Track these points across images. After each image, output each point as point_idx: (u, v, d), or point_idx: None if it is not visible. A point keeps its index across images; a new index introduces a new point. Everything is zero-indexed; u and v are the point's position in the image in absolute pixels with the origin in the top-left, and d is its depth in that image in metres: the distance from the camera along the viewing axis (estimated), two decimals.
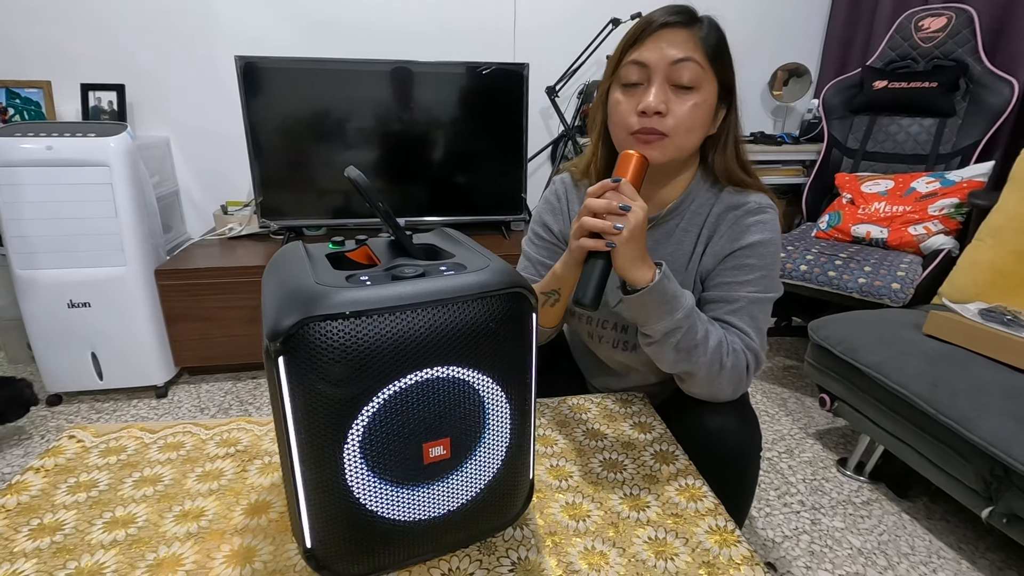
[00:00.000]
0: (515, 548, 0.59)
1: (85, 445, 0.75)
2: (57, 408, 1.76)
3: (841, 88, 2.17)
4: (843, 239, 1.92)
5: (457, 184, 2.12)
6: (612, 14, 2.14)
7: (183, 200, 2.26)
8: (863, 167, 2.09)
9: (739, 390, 0.79)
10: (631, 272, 0.68)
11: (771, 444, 1.63)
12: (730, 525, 0.63)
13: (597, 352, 0.97)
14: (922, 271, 1.64)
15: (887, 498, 1.41)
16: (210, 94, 2.13)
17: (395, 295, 0.45)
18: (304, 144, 1.95)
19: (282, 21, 2.11)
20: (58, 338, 1.69)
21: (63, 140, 1.55)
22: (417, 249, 0.57)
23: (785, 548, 1.24)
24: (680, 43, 0.72)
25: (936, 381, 1.14)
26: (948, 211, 1.76)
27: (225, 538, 0.59)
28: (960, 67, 1.90)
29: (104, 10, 1.99)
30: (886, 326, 1.36)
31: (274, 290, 0.47)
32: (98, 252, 1.63)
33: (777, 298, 0.81)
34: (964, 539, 1.27)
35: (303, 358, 0.42)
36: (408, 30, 2.20)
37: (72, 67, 2.01)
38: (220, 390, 1.89)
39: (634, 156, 0.71)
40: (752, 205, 0.80)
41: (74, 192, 1.57)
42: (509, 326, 0.49)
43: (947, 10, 1.94)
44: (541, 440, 0.78)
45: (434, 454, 0.49)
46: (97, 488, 0.66)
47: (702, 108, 0.74)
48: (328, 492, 0.46)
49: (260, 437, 0.77)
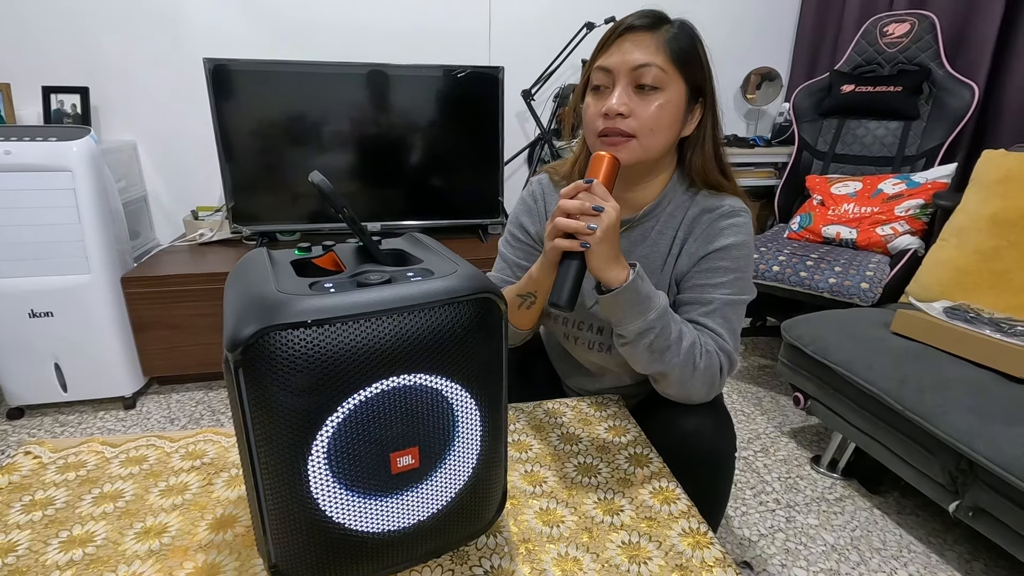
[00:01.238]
0: (488, 556, 0.58)
1: (42, 461, 0.72)
2: (19, 422, 1.70)
3: (811, 92, 2.22)
4: (814, 240, 1.96)
5: (434, 188, 2.11)
6: (586, 18, 2.15)
7: (151, 205, 2.20)
8: (832, 169, 2.14)
9: (712, 392, 0.79)
10: (605, 272, 0.68)
11: (747, 443, 1.64)
12: (703, 527, 0.63)
13: (573, 353, 0.97)
14: (890, 271, 1.68)
15: (859, 494, 1.43)
16: (179, 97, 2.08)
17: (359, 302, 0.44)
18: (277, 148, 1.92)
19: (253, 23, 2.08)
20: (19, 349, 1.62)
21: (22, 144, 1.50)
22: (385, 255, 0.56)
23: (761, 547, 1.26)
24: (643, 47, 0.73)
25: (903, 378, 1.17)
26: (914, 212, 1.81)
27: (188, 555, 0.57)
28: (923, 72, 1.96)
29: (67, 10, 1.93)
30: (856, 325, 1.39)
31: (234, 298, 0.46)
32: (61, 260, 1.58)
33: (751, 300, 0.82)
34: (933, 532, 1.30)
35: (264, 368, 0.41)
36: (383, 33, 2.19)
37: (33, 69, 1.94)
38: (191, 400, 1.85)
39: (606, 157, 0.72)
40: (726, 208, 0.81)
41: (35, 198, 1.52)
42: (478, 332, 0.48)
43: (910, 16, 2.00)
44: (515, 445, 0.77)
45: (402, 464, 0.48)
46: (53, 506, 0.64)
47: (667, 109, 0.75)
48: (293, 505, 0.45)
49: (227, 449, 0.75)
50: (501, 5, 2.25)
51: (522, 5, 2.27)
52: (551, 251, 0.70)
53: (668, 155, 0.82)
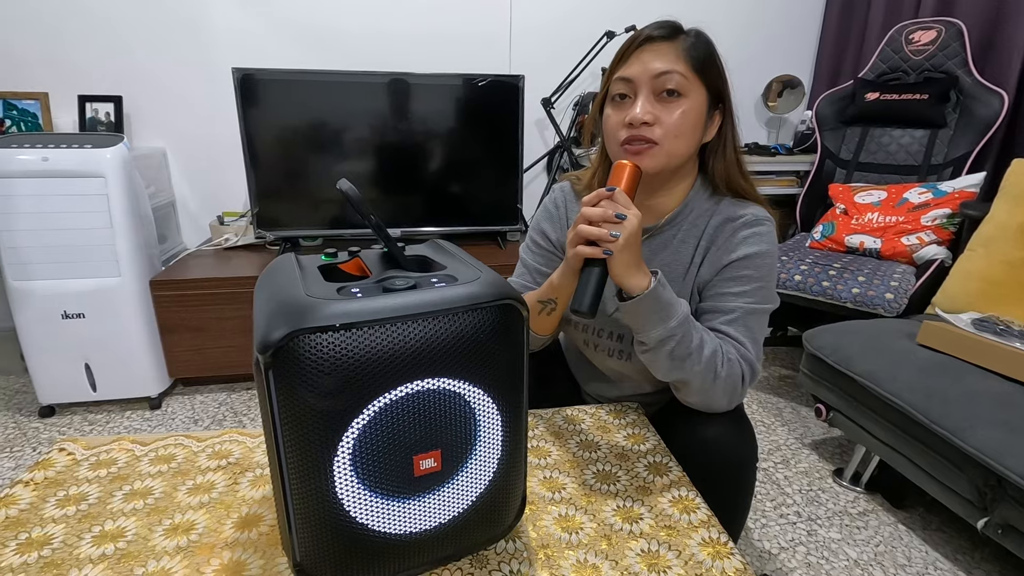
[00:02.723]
0: (507, 561, 0.58)
1: (75, 458, 0.74)
2: (50, 420, 1.75)
3: (834, 99, 2.20)
4: (837, 249, 1.93)
5: (453, 194, 2.13)
6: (607, 27, 2.16)
7: (179, 211, 2.26)
8: (856, 178, 2.11)
9: (734, 400, 0.79)
10: (627, 279, 0.69)
11: (767, 454, 1.62)
12: (723, 537, 0.63)
13: (592, 360, 0.97)
14: (915, 281, 1.65)
15: (883, 508, 1.40)
16: (207, 105, 2.14)
17: (385, 307, 0.45)
18: (300, 155, 1.96)
19: (279, 33, 2.13)
20: (52, 349, 1.68)
21: (59, 151, 1.55)
22: (409, 261, 0.57)
23: (781, 559, 1.24)
24: (663, 56, 0.74)
25: (930, 391, 1.14)
26: (941, 221, 1.77)
27: (215, 552, 0.59)
28: (950, 79, 1.92)
29: (102, 22, 2.00)
30: (880, 336, 1.37)
31: (265, 302, 0.47)
32: (93, 263, 1.63)
33: (774, 309, 0.82)
34: (960, 550, 1.27)
35: (293, 370, 0.42)
36: (405, 42, 2.22)
37: (70, 78, 2.02)
38: (214, 401, 1.88)
39: (627, 166, 0.73)
40: (749, 217, 0.81)
41: (69, 203, 1.57)
42: (500, 337, 0.49)
43: (937, 23, 1.97)
44: (534, 451, 0.77)
45: (425, 467, 0.48)
46: (87, 501, 0.66)
47: (689, 115, 0.75)
48: (318, 505, 0.46)
49: (252, 449, 0.77)
50: (522, 14, 2.27)
51: (543, 14, 2.29)
52: (573, 258, 0.70)
53: (690, 162, 0.83)
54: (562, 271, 0.76)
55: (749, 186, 0.84)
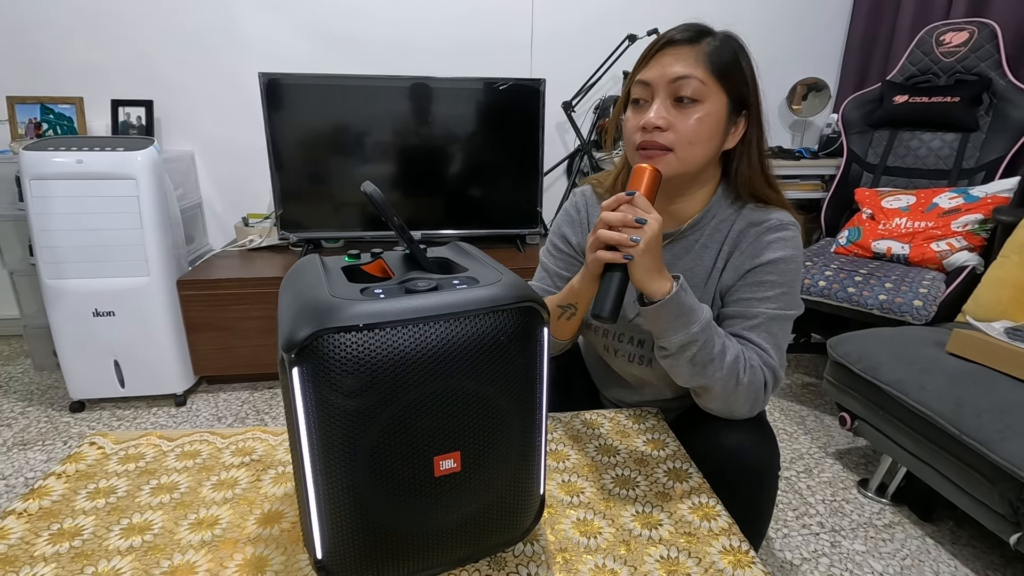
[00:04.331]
0: (525, 564, 0.58)
1: (105, 452, 0.76)
2: (80, 415, 1.80)
3: (861, 103, 2.16)
4: (863, 255, 1.89)
5: (473, 198, 2.14)
6: (629, 30, 2.16)
7: (206, 212, 2.31)
8: (883, 182, 2.07)
9: (756, 407, 0.78)
10: (648, 284, 0.68)
11: (789, 463, 1.59)
12: (744, 545, 0.62)
13: (612, 365, 0.97)
14: (945, 288, 1.60)
15: (910, 521, 1.37)
16: (234, 110, 2.19)
17: (408, 308, 0.45)
18: (324, 158, 1.99)
19: (304, 38, 2.17)
20: (83, 346, 1.73)
21: (93, 154, 1.60)
22: (431, 263, 0.58)
23: (804, 571, 1.21)
24: (682, 60, 0.73)
25: (960, 401, 1.11)
26: (972, 227, 1.72)
27: (238, 547, 0.60)
28: (983, 81, 1.88)
29: (135, 29, 2.06)
30: (907, 344, 1.34)
31: (290, 302, 0.48)
32: (123, 262, 1.68)
33: (798, 316, 0.80)
34: (991, 566, 1.23)
35: (317, 369, 0.43)
36: (426, 46, 2.24)
37: (104, 84, 2.08)
38: (237, 399, 1.92)
39: (647, 169, 0.72)
40: (774, 222, 0.79)
41: (102, 204, 1.62)
42: (521, 340, 0.49)
43: (969, 24, 1.92)
44: (553, 455, 0.77)
45: (444, 467, 0.49)
46: (115, 495, 0.68)
47: (705, 122, 0.74)
48: (339, 503, 0.47)
49: (274, 447, 0.78)
50: (543, 18, 2.28)
51: (565, 18, 2.29)
52: (593, 263, 0.70)
53: (711, 168, 0.81)
54: (582, 276, 0.76)
55: (775, 193, 0.82)
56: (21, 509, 0.64)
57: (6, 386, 1.96)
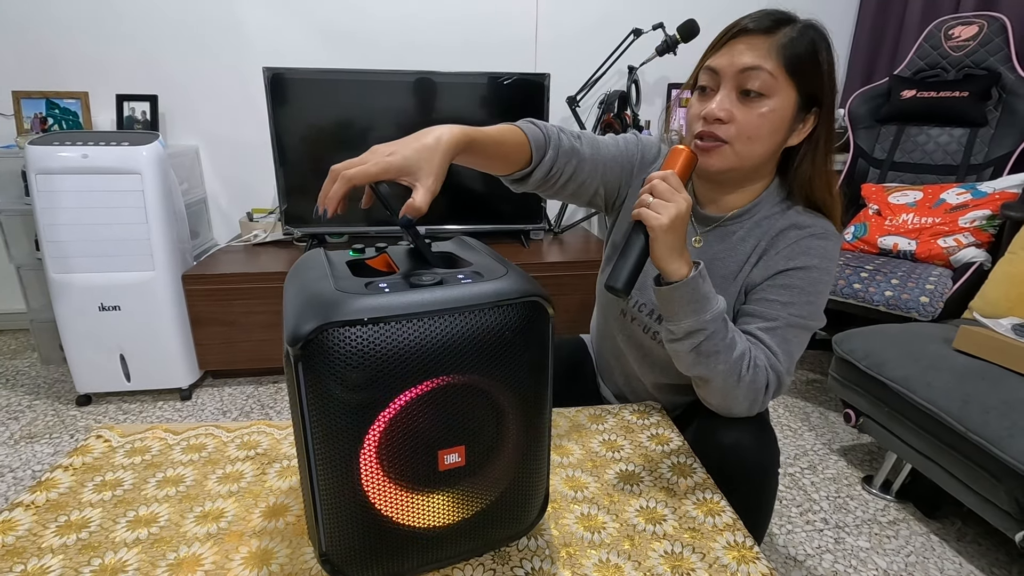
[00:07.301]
0: (529, 558, 0.58)
1: (111, 445, 0.77)
2: (86, 408, 1.81)
3: (868, 97, 2.14)
4: (869, 251, 1.88)
5: (477, 193, 2.13)
6: (634, 24, 2.14)
7: (210, 207, 2.31)
8: (890, 178, 2.05)
9: (755, 407, 0.76)
10: (667, 263, 0.68)
11: (793, 460, 1.59)
12: (748, 541, 0.62)
13: (623, 332, 0.93)
14: (952, 284, 1.59)
15: (915, 518, 1.36)
16: (238, 104, 2.19)
17: (413, 302, 0.45)
18: (328, 153, 1.98)
19: (308, 33, 2.16)
20: (89, 340, 1.74)
21: (98, 149, 1.60)
22: (436, 257, 0.58)
23: (808, 567, 1.21)
24: (754, 50, 0.70)
25: (966, 398, 1.11)
26: (980, 223, 1.71)
27: (243, 540, 0.60)
28: (992, 76, 1.86)
29: (139, 24, 2.06)
30: (914, 340, 1.33)
31: (295, 296, 0.48)
32: (129, 257, 1.68)
33: (817, 329, 0.79)
34: (997, 563, 1.23)
35: (322, 363, 0.43)
36: (431, 41, 2.23)
37: (108, 79, 2.08)
38: (242, 394, 1.92)
39: (683, 151, 0.72)
40: (817, 229, 0.78)
41: (107, 199, 1.62)
42: (525, 334, 0.49)
43: (978, 18, 1.90)
44: (557, 450, 0.77)
45: (449, 461, 0.49)
46: (122, 487, 0.68)
47: (769, 118, 0.72)
48: (344, 496, 0.47)
49: (279, 441, 0.79)
50: (548, 12, 2.27)
51: (569, 12, 2.28)
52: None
53: (768, 163, 0.79)
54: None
55: (832, 200, 0.79)
56: (28, 501, 0.65)
57: (13, 380, 1.97)
